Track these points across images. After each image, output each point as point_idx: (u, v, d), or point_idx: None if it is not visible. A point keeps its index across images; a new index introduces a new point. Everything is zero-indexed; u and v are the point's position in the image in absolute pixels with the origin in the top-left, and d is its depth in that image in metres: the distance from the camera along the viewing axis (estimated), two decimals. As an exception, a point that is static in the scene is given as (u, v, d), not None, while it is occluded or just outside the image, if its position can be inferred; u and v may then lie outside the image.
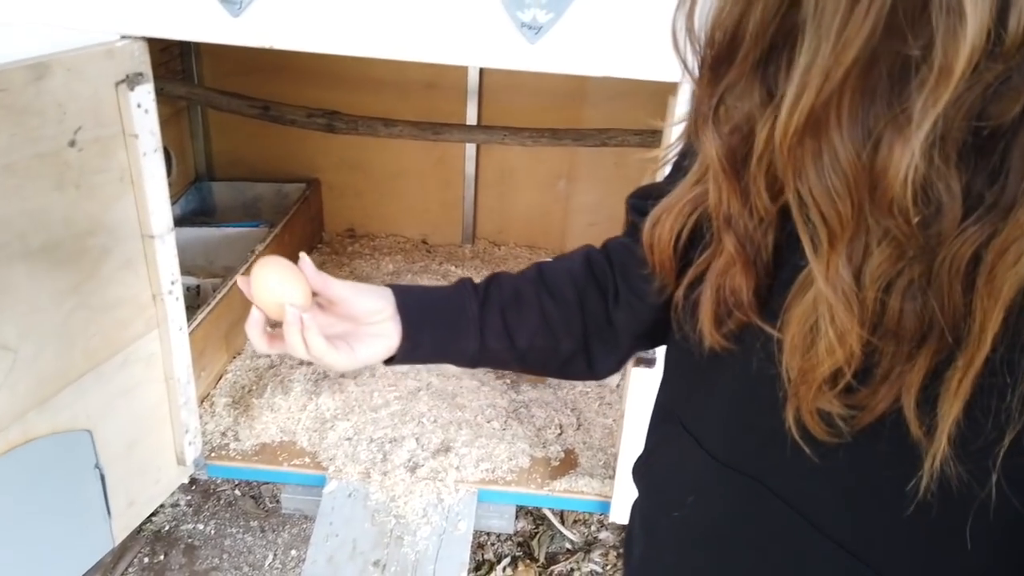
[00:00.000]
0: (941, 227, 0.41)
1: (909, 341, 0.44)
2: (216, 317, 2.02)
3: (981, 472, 0.44)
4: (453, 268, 2.65)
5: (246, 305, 0.70)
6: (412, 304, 0.72)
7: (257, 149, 2.77)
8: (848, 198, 0.42)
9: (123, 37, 1.37)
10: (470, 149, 2.67)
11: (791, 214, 0.48)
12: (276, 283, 0.67)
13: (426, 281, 2.54)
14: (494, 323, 0.72)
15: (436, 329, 0.72)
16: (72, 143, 1.29)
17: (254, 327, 0.69)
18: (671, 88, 1.37)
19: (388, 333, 0.70)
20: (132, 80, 1.36)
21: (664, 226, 0.60)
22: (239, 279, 0.70)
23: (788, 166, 0.45)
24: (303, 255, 0.70)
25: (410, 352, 0.71)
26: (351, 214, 2.87)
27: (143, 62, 1.39)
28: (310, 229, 2.77)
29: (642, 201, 0.71)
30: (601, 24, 1.30)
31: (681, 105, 1.34)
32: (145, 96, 1.39)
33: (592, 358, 0.74)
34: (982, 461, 0.44)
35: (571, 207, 2.75)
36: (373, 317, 0.70)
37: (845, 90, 0.41)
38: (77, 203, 1.32)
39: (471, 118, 2.58)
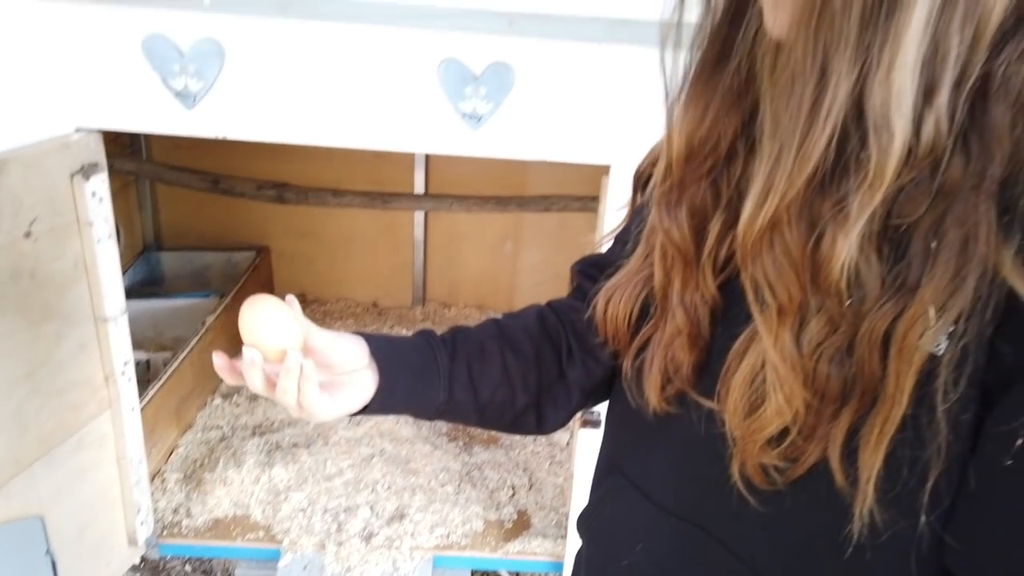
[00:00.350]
0: (864, 305, 0.48)
1: (834, 401, 0.51)
2: (167, 392, 2.03)
3: (910, 516, 0.50)
4: (405, 331, 2.70)
5: (196, 378, 0.74)
6: (385, 351, 0.72)
7: (206, 218, 2.80)
8: (796, 281, 0.50)
9: (78, 130, 1.41)
10: (419, 215, 2.74)
11: (725, 292, 0.57)
12: (276, 324, 0.64)
13: (378, 345, 2.59)
14: (461, 375, 0.74)
15: (408, 377, 0.72)
16: (28, 234, 1.32)
17: (254, 369, 0.65)
18: (604, 168, 1.47)
19: (363, 382, 0.70)
20: (87, 170, 1.40)
21: (618, 304, 0.67)
22: (213, 355, 0.67)
23: (747, 256, 0.52)
24: (291, 297, 0.70)
25: (386, 399, 0.72)
26: (301, 280, 2.91)
27: (98, 152, 1.44)
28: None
29: (589, 268, 0.79)
30: (535, 114, 1.40)
31: (614, 184, 1.44)
32: (100, 185, 1.43)
33: (542, 413, 0.79)
34: (909, 506, 0.50)
35: (518, 267, 2.84)
36: (349, 365, 0.70)
37: (800, 194, 0.49)
38: (32, 292, 1.35)
39: (419, 186, 2.67)
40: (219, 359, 0.66)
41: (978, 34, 0.43)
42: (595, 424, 1.70)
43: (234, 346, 0.65)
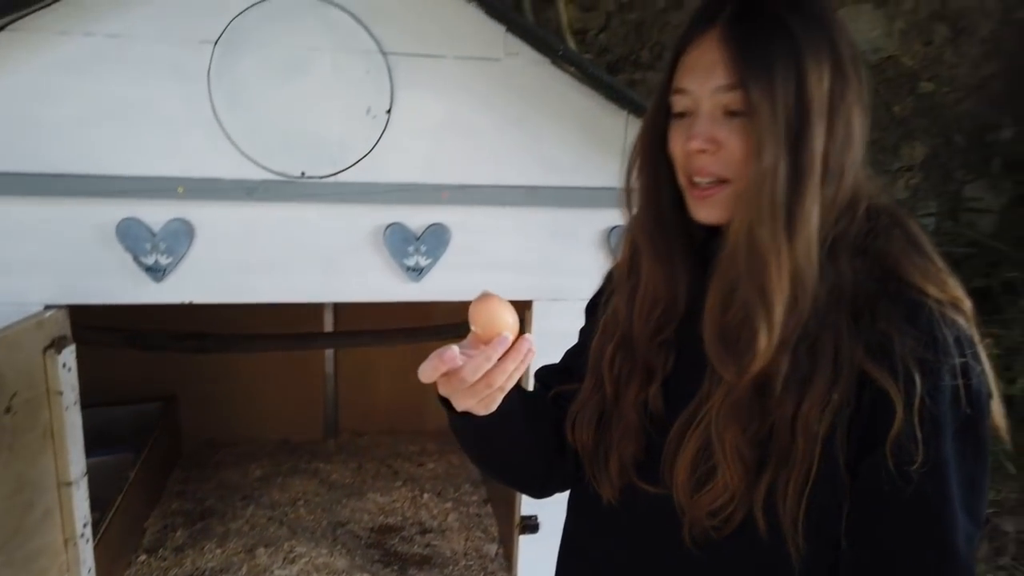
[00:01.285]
0: (775, 398, 0.74)
1: (756, 472, 0.74)
2: (98, 554, 2.01)
3: (834, 545, 0.73)
4: (322, 465, 2.78)
5: (122, 537, 0.83)
6: None
7: (110, 372, 2.79)
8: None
9: (48, 307, 1.52)
10: (329, 351, 2.89)
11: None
12: (511, 312, 0.75)
13: (297, 482, 2.65)
14: (532, 409, 0.90)
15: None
16: (8, 409, 1.39)
17: (502, 349, 0.74)
18: (527, 304, 1.74)
19: None
20: (58, 343, 1.50)
21: (582, 426, 0.89)
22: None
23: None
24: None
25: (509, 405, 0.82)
26: (211, 425, 2.93)
27: (66, 326, 1.54)
28: (170, 446, 2.79)
29: (547, 376, 0.99)
30: (469, 262, 1.66)
31: (537, 315, 1.71)
32: (69, 356, 1.53)
33: (551, 474, 0.94)
34: (831, 536, 0.73)
35: (426, 392, 3.01)
36: None
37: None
38: (9, 464, 1.40)
39: (328, 321, 2.83)
40: (450, 354, 0.74)
41: (830, 216, 0.74)
42: (533, 529, 1.90)
43: (150, 507, 0.75)
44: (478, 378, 0.74)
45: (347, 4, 1.50)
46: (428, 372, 0.76)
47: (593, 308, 0.97)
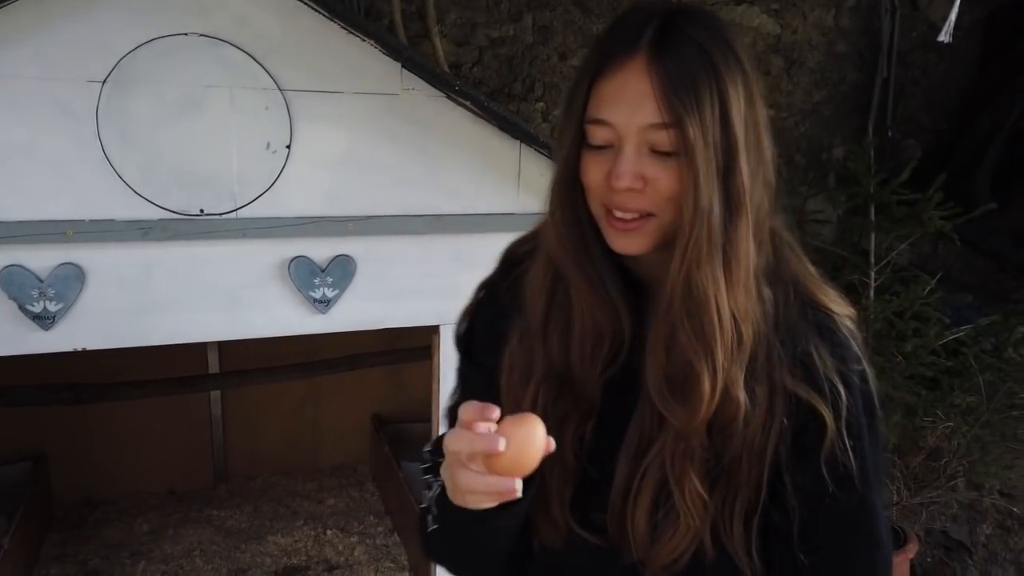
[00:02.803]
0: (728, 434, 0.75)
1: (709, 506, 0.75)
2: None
3: (788, 555, 0.76)
4: (215, 512, 2.67)
5: None
6: None
7: (-34, 435, 2.56)
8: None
9: (-77, 364, 1.41)
10: (215, 393, 2.79)
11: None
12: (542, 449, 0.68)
13: (190, 532, 2.53)
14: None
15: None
16: None
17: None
18: (435, 329, 1.79)
19: None
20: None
21: None
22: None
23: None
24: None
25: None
26: (85, 483, 2.74)
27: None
28: (39, 509, 2.58)
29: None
30: (376, 291, 1.70)
31: (444, 342, 1.77)
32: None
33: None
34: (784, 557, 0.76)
35: (320, 427, 2.98)
36: None
37: None
38: None
39: (213, 362, 2.73)
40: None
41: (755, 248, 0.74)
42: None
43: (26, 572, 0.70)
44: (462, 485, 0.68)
45: (242, 43, 1.51)
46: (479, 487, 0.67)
47: (468, 347, 0.92)
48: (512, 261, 0.91)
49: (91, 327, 1.52)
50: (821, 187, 2.84)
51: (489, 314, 0.90)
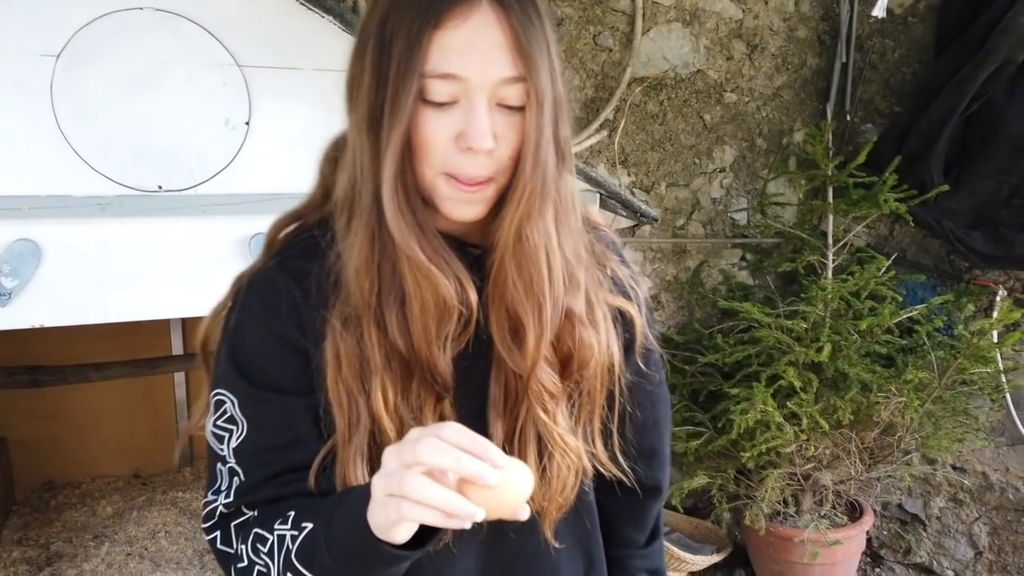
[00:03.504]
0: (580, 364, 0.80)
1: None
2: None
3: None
4: (180, 494, 2.66)
5: None
6: None
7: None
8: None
9: None
10: (179, 375, 2.78)
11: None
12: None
13: (155, 514, 2.52)
14: None
15: None
16: None
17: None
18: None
19: None
20: None
21: (353, 472, 0.75)
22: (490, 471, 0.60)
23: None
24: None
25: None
26: (47, 466, 2.72)
27: None
28: (3, 492, 2.56)
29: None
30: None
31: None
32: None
33: None
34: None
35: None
36: None
37: None
38: None
39: (176, 343, 2.72)
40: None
41: None
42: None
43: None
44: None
45: (199, 18, 1.51)
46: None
47: (245, 363, 0.76)
48: (290, 248, 0.80)
49: (48, 304, 1.51)
50: (782, 170, 2.89)
51: (275, 313, 0.75)
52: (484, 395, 0.78)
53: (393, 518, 0.61)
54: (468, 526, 0.60)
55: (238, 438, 0.76)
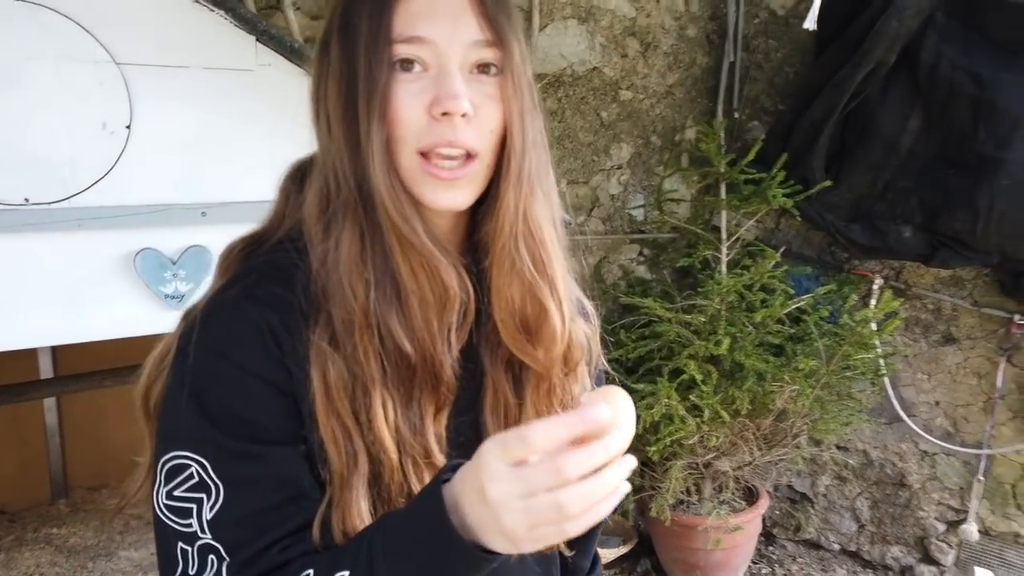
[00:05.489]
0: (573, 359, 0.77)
1: None
2: None
3: None
4: (55, 530, 2.43)
5: None
6: None
7: None
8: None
9: None
10: (50, 400, 2.53)
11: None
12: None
13: (27, 555, 2.29)
14: None
15: None
16: None
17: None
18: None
19: None
20: None
21: (358, 513, 0.69)
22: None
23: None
24: None
25: None
26: None
27: None
28: None
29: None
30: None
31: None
32: None
33: None
34: None
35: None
36: None
37: None
38: None
39: (45, 366, 2.47)
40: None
41: None
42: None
43: None
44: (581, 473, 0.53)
45: (67, 9, 1.34)
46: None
47: (226, 407, 0.65)
48: (249, 273, 0.69)
49: None
50: (676, 167, 2.95)
51: (248, 348, 0.65)
52: (477, 402, 0.73)
53: (550, 542, 0.54)
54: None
55: (213, 507, 0.63)
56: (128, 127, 1.42)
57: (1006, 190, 2.47)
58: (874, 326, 2.61)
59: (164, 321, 1.55)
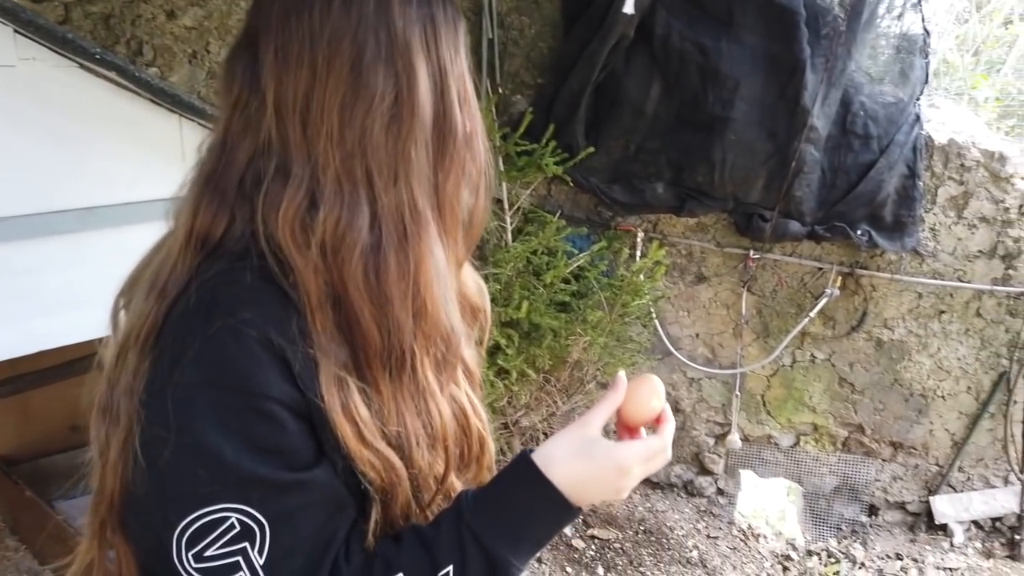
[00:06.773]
0: None
1: None
2: None
3: None
4: None
5: None
6: None
7: None
8: None
9: None
10: None
11: None
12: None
13: None
14: None
15: None
16: None
17: None
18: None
19: None
20: None
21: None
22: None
23: None
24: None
25: None
26: None
27: None
28: None
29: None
30: (26, 308, 1.37)
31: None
32: None
33: None
34: None
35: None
36: None
37: None
38: None
39: None
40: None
41: None
42: None
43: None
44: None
45: None
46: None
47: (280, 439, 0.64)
48: (237, 297, 0.66)
49: None
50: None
51: (271, 377, 0.63)
52: None
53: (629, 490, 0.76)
54: None
55: (262, 549, 0.61)
56: None
57: (733, 144, 2.88)
58: (644, 276, 2.92)
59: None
